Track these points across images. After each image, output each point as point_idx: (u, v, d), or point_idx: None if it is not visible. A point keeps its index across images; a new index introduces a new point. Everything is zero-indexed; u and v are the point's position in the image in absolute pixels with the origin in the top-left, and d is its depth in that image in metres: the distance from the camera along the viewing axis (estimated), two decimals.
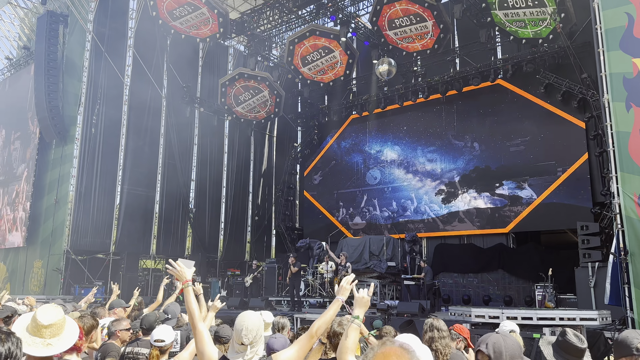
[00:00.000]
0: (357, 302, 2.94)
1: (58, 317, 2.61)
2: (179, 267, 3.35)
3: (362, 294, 2.95)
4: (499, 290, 17.31)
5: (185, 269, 3.36)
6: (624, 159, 9.26)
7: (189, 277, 3.36)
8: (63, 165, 18.80)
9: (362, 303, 2.94)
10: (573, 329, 3.18)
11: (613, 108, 9.52)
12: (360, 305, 2.93)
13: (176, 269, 3.36)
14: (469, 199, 19.19)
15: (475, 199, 19.05)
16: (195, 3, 17.31)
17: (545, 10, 14.84)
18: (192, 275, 3.45)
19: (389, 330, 4.55)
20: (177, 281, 3.46)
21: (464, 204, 19.25)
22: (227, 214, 23.14)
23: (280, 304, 16.64)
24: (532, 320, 9.16)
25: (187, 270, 3.37)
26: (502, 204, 18.39)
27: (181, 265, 3.37)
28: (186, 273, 3.36)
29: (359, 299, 2.94)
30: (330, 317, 3.19)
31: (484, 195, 18.85)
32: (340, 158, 23.30)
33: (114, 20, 19.58)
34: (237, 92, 20.99)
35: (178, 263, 3.39)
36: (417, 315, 11.53)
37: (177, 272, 3.36)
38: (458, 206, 19.39)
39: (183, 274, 3.35)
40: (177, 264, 3.36)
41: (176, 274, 3.36)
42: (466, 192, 19.30)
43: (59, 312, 2.63)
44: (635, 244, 8.90)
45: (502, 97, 18.90)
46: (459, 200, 19.42)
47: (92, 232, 18.47)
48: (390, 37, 17.80)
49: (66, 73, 19.25)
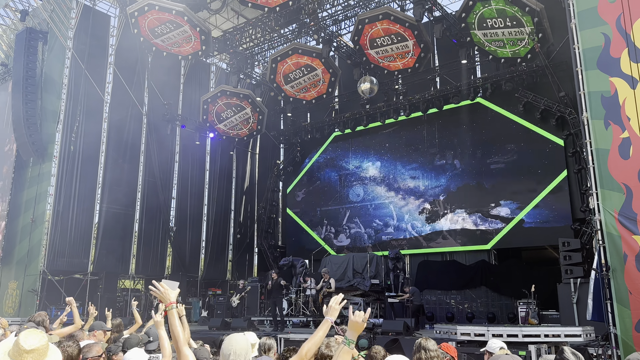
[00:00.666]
0: (352, 325, 2.87)
1: (41, 342, 2.52)
2: (162, 288, 3.22)
3: (358, 317, 2.88)
4: (482, 307, 17.34)
5: (169, 290, 3.23)
6: (603, 175, 9.41)
7: (173, 299, 3.22)
8: (40, 184, 18.40)
9: (356, 327, 2.87)
10: (570, 347, 3.16)
11: (592, 126, 9.69)
12: (354, 328, 2.86)
13: (160, 290, 3.21)
14: (450, 216, 19.31)
15: (457, 215, 19.17)
16: (177, 21, 17.27)
17: (523, 30, 15.17)
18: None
19: (378, 351, 4.46)
20: (160, 303, 3.31)
21: (446, 221, 19.35)
22: (209, 233, 22.85)
23: (263, 324, 16.39)
24: (517, 337, 9.16)
25: (172, 291, 3.24)
26: (483, 220, 18.53)
27: (165, 287, 3.22)
28: (170, 294, 3.22)
29: (353, 322, 2.87)
30: (319, 338, 3.11)
31: (465, 212, 18.99)
32: (323, 175, 23.31)
33: (95, 37, 19.43)
34: (219, 109, 20.91)
35: (162, 284, 3.26)
36: (402, 333, 11.45)
37: (160, 293, 3.21)
38: (440, 223, 19.49)
39: (167, 296, 3.21)
40: (161, 285, 3.23)
41: (159, 295, 3.21)
42: (448, 209, 19.42)
43: (43, 337, 2.54)
44: (617, 260, 8.99)
45: (482, 115, 19.18)
46: (441, 217, 19.52)
47: (70, 252, 18.04)
48: (372, 56, 17.99)
49: (45, 90, 18.97)
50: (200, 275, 22.09)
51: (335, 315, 3.06)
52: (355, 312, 2.90)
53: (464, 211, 19.01)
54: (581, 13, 10.20)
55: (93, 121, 19.23)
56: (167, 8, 16.83)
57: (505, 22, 15.20)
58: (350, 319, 2.89)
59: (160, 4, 16.77)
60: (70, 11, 19.24)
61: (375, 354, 4.53)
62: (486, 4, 14.96)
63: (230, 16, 21.22)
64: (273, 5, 16.59)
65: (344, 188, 22.54)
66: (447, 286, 18.03)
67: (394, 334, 11.57)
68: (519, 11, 14.64)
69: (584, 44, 10.06)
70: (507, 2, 14.53)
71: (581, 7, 10.22)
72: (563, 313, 13.31)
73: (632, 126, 9.13)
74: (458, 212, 19.16)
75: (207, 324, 16.31)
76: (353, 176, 22.36)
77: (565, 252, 13.31)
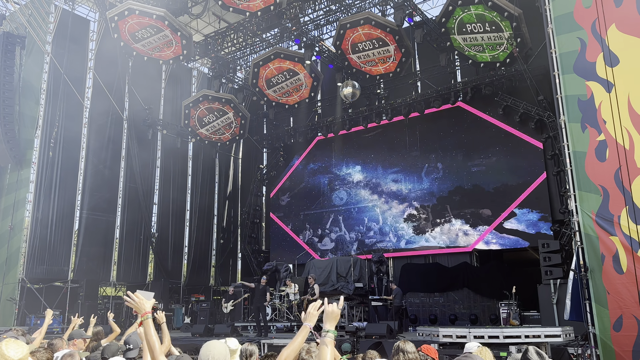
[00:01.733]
0: (327, 315, 2.93)
1: (24, 352, 2.55)
2: (137, 298, 3.23)
3: (332, 307, 2.93)
4: (464, 309, 17.47)
5: (144, 300, 3.25)
6: (581, 178, 9.58)
7: (148, 309, 3.24)
8: (19, 190, 18.06)
9: (331, 317, 2.93)
10: (536, 347, 3.23)
11: (569, 129, 9.87)
12: (330, 319, 2.93)
13: (134, 300, 3.23)
14: (432, 219, 19.45)
15: (439, 218, 19.32)
16: (158, 25, 17.16)
17: (502, 35, 15.40)
18: (154, 303, 3.34)
19: (374, 356, 4.51)
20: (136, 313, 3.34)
21: (429, 224, 19.49)
22: (191, 238, 22.67)
23: (247, 330, 16.31)
24: (498, 338, 9.25)
25: (147, 301, 3.25)
26: (464, 223, 18.70)
27: (140, 297, 3.25)
28: (145, 304, 3.25)
29: (328, 312, 2.94)
30: (299, 344, 3.12)
31: (447, 214, 19.15)
32: (307, 179, 23.31)
33: (74, 42, 19.20)
34: (201, 114, 20.81)
35: (137, 294, 3.26)
36: (385, 336, 11.49)
37: (135, 303, 3.24)
38: (423, 225, 19.62)
39: (142, 306, 3.23)
40: (136, 295, 3.24)
41: (134, 305, 3.24)
42: (430, 211, 19.57)
43: (24, 345, 2.57)
44: (595, 261, 9.15)
45: (463, 119, 19.39)
46: (423, 220, 19.65)
47: (49, 259, 17.75)
48: (353, 60, 18.09)
49: (23, 95, 18.66)
50: (183, 281, 21.90)
51: (313, 321, 3.08)
52: (329, 304, 2.95)
53: (446, 213, 19.16)
54: (558, 18, 10.40)
55: (73, 127, 18.99)
56: (147, 12, 16.71)
57: (485, 27, 15.42)
58: (325, 309, 2.94)
59: (141, 9, 16.65)
60: (49, 15, 18.99)
61: (370, 359, 4.56)
62: (466, 10, 15.16)
63: (212, 20, 21.15)
64: (255, 9, 16.59)
65: (327, 192, 22.57)
66: (430, 288, 18.13)
67: (377, 337, 11.60)
68: (498, 16, 14.86)
69: (560, 49, 10.25)
70: (486, 8, 14.73)
71: (558, 12, 10.42)
72: (543, 314, 13.48)
73: (607, 129, 9.31)
74: (440, 214, 19.31)
75: (190, 331, 16.17)
76: (336, 180, 22.41)
77: (545, 253, 13.51)
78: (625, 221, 8.84)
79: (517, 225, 17.60)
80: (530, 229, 17.26)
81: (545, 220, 16.96)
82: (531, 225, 17.29)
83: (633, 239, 8.67)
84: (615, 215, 9.00)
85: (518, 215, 17.61)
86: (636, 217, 8.70)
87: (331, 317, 2.93)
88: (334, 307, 2.94)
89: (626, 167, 8.94)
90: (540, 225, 17.04)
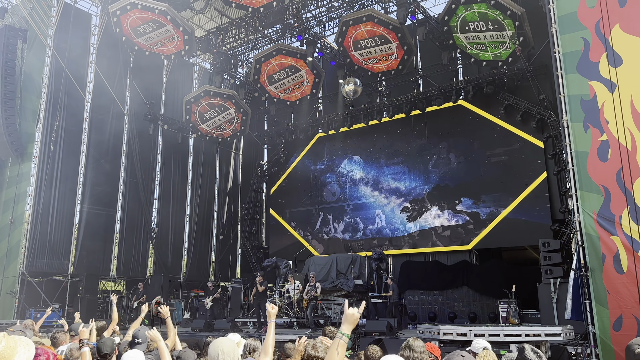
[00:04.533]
0: (346, 318, 2.95)
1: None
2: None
3: (352, 311, 2.95)
4: (463, 307, 17.53)
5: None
6: (582, 177, 9.59)
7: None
8: (19, 184, 18.09)
9: (350, 320, 2.95)
10: (532, 345, 3.26)
11: (572, 128, 9.88)
12: (348, 321, 2.94)
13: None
14: (432, 217, 19.48)
15: (439, 216, 19.35)
16: (160, 20, 17.13)
17: (505, 33, 15.39)
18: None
19: (375, 351, 4.53)
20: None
21: (428, 222, 19.52)
22: (191, 234, 22.69)
23: (246, 325, 16.35)
24: (499, 337, 9.28)
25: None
26: (464, 221, 18.74)
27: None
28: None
29: (348, 315, 2.95)
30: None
31: (447, 212, 19.18)
32: (307, 176, 23.32)
33: (76, 36, 19.17)
34: (202, 109, 20.80)
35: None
36: (385, 333, 11.53)
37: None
38: (422, 223, 19.65)
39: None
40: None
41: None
42: (430, 209, 19.60)
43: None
44: (595, 261, 9.17)
45: (464, 117, 19.38)
46: (423, 218, 19.69)
47: (50, 253, 17.77)
48: (355, 57, 18.08)
49: (24, 89, 18.66)
50: (183, 276, 21.93)
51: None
52: (350, 307, 2.99)
53: (446, 211, 19.19)
54: (561, 18, 10.39)
55: (74, 120, 19.00)
56: (149, 7, 16.69)
57: (487, 26, 15.41)
58: (345, 312, 2.96)
59: (143, 3, 16.62)
60: (51, 9, 18.97)
61: (372, 354, 4.58)
62: (468, 8, 15.14)
63: (214, 16, 21.13)
64: (257, 5, 16.57)
65: (327, 189, 22.58)
66: (430, 286, 18.19)
67: (378, 334, 11.64)
68: (501, 15, 14.85)
69: (564, 48, 10.24)
70: (489, 6, 14.72)
71: (561, 11, 10.41)
72: (543, 312, 13.52)
73: (610, 129, 9.32)
74: (439, 212, 19.34)
75: (189, 326, 16.21)
76: (337, 176, 22.42)
77: (545, 252, 13.53)
78: (626, 221, 8.86)
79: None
80: (528, 225, 17.29)
81: (541, 221, 16.96)
82: (529, 222, 17.32)
83: (634, 239, 8.70)
84: (617, 216, 9.02)
85: (514, 213, 17.64)
86: (637, 218, 8.72)
87: (350, 319, 2.93)
88: (354, 311, 2.95)
89: (628, 168, 8.95)
90: None
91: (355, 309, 2.97)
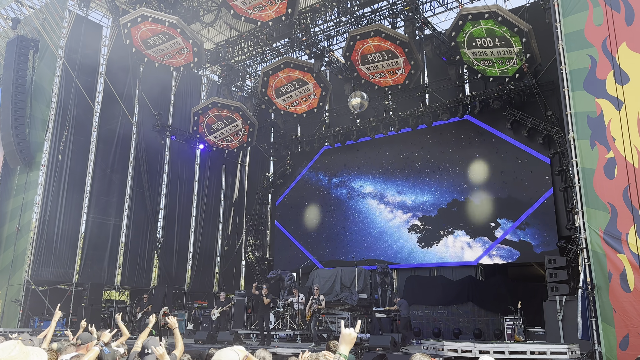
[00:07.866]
0: (343, 338, 2.93)
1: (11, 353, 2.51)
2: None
3: (349, 331, 2.93)
4: (468, 323, 17.36)
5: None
6: (589, 195, 9.57)
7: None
8: (27, 192, 18.20)
9: (347, 340, 2.92)
10: None
11: (578, 145, 9.87)
12: (345, 342, 2.91)
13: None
14: (438, 231, 19.41)
15: (444, 231, 19.28)
16: (170, 33, 17.33)
17: (512, 50, 15.46)
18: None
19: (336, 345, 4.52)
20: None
21: (434, 236, 19.45)
22: (196, 244, 22.71)
23: (250, 338, 16.27)
24: (504, 354, 9.21)
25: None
26: (470, 236, 18.65)
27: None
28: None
29: (345, 335, 2.93)
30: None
31: (451, 227, 19.11)
32: (313, 188, 23.34)
33: (86, 47, 19.41)
34: (209, 121, 20.94)
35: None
36: (389, 349, 11.45)
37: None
38: (428, 238, 19.57)
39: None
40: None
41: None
42: (435, 224, 19.53)
43: (14, 346, 2.54)
44: (602, 279, 9.11)
45: (470, 132, 19.39)
46: (429, 232, 19.62)
47: (55, 262, 17.82)
48: (362, 71, 18.18)
49: (34, 98, 18.86)
50: (187, 287, 21.91)
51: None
52: (347, 327, 2.96)
53: (451, 226, 19.13)
54: (568, 35, 10.44)
55: (82, 131, 19.16)
56: (160, 20, 16.88)
57: (494, 42, 15.48)
58: (342, 332, 2.94)
59: (154, 16, 16.82)
60: (63, 20, 19.22)
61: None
62: (476, 24, 15.23)
63: (223, 29, 21.36)
64: (266, 19, 16.72)
65: (333, 201, 22.57)
66: (434, 301, 18.04)
67: (381, 349, 11.55)
68: (508, 31, 14.93)
69: (570, 65, 10.28)
70: (496, 23, 14.81)
71: (569, 29, 10.46)
72: (549, 330, 13.35)
73: (617, 146, 9.32)
74: (445, 227, 19.28)
75: (192, 337, 16.13)
76: (342, 189, 22.43)
77: (551, 269, 13.41)
78: (633, 239, 8.82)
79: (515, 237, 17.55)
80: (534, 242, 17.18)
81: (547, 237, 16.87)
82: (535, 238, 17.22)
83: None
84: (624, 233, 8.98)
85: (520, 229, 17.55)
86: None
87: (347, 339, 2.92)
88: (350, 330, 2.94)
89: (635, 185, 8.93)
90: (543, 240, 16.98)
91: (351, 328, 2.96)
